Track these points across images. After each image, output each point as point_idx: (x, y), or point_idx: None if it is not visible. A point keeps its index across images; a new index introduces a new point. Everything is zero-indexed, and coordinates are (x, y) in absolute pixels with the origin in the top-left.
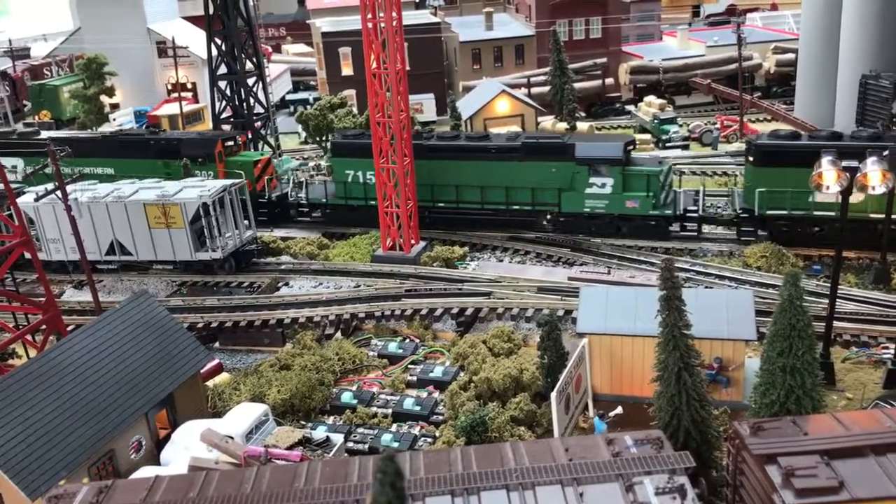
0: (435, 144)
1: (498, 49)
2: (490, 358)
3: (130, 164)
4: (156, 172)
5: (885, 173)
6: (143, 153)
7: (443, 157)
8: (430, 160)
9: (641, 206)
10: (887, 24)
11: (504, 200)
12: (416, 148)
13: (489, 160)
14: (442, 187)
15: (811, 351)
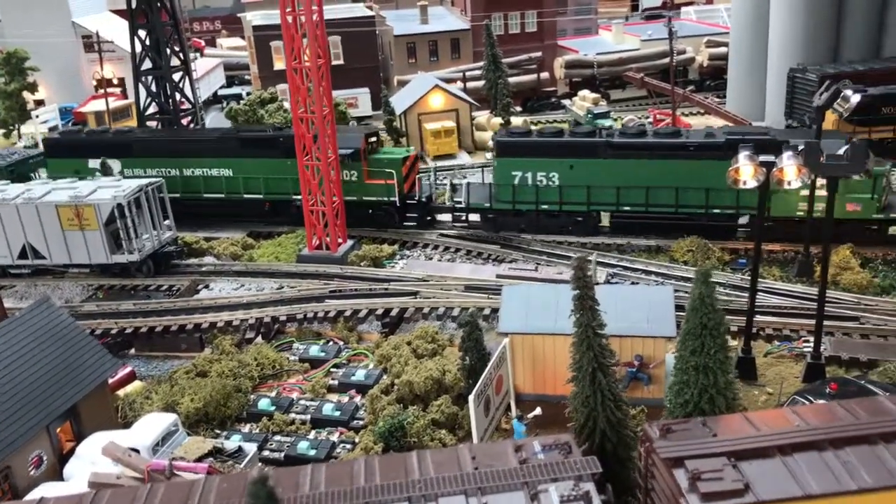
0: (621, 142)
1: (433, 43)
2: (413, 360)
3: (253, 165)
4: (284, 173)
5: (801, 168)
6: (269, 152)
7: (629, 155)
8: (614, 159)
9: (864, 210)
10: (814, 18)
11: (704, 204)
12: (600, 146)
13: (685, 159)
14: (628, 190)
15: (723, 349)
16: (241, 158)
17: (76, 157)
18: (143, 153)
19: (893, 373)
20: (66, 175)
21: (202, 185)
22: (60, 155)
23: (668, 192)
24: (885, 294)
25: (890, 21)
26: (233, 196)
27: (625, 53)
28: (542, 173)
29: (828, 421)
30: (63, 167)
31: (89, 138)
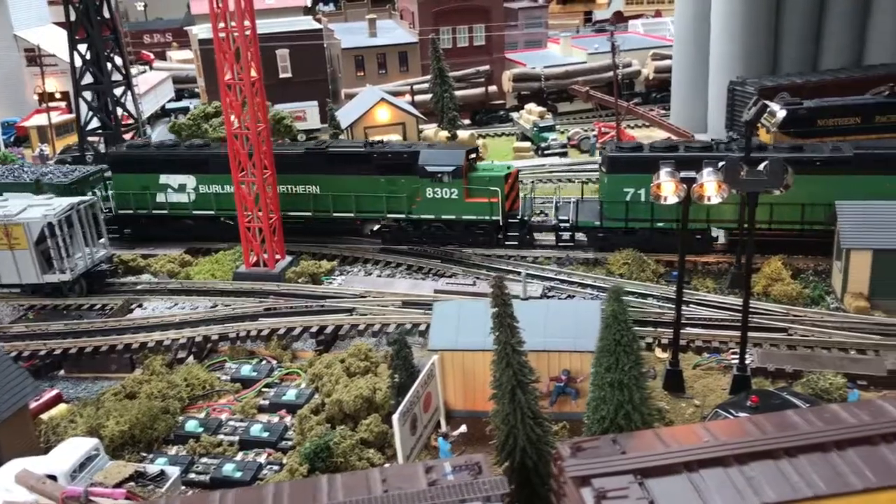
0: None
1: (382, 56)
2: (344, 378)
3: (343, 182)
4: (377, 191)
5: (721, 184)
6: (360, 169)
7: None
8: None
9: None
10: (752, 32)
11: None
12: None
13: (810, 174)
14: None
15: (637, 365)
16: (329, 175)
17: (145, 173)
18: (220, 169)
19: (816, 383)
20: (132, 191)
21: (286, 203)
22: (127, 170)
23: (792, 209)
24: (815, 305)
25: (826, 34)
26: (320, 214)
27: (572, 66)
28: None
29: (735, 436)
30: (130, 183)
31: (159, 152)
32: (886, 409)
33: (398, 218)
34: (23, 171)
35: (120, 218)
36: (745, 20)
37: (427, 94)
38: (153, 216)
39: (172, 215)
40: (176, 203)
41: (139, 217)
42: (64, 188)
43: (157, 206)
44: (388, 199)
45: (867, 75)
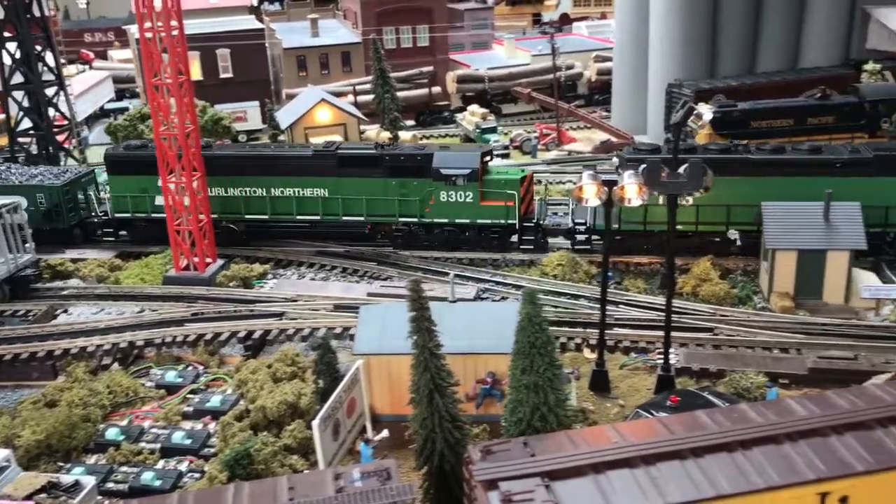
0: (760, 158)
1: (324, 56)
2: (269, 384)
3: (352, 184)
4: (387, 194)
5: (641, 187)
6: (371, 171)
7: (768, 172)
8: (754, 177)
9: None
10: (690, 36)
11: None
12: (738, 163)
13: (830, 176)
14: None
15: (552, 367)
16: (339, 178)
17: (143, 175)
18: (223, 171)
19: (738, 382)
20: (130, 194)
21: (294, 206)
22: (125, 172)
23: None
24: (742, 304)
25: (762, 38)
26: (329, 218)
27: (515, 68)
28: None
29: (644, 437)
30: (128, 185)
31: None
32: (793, 408)
33: (409, 222)
34: (9, 173)
35: (116, 221)
36: (683, 24)
37: (370, 95)
38: (152, 219)
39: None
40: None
41: (136, 220)
42: (56, 190)
43: (156, 209)
44: (400, 202)
45: (801, 78)
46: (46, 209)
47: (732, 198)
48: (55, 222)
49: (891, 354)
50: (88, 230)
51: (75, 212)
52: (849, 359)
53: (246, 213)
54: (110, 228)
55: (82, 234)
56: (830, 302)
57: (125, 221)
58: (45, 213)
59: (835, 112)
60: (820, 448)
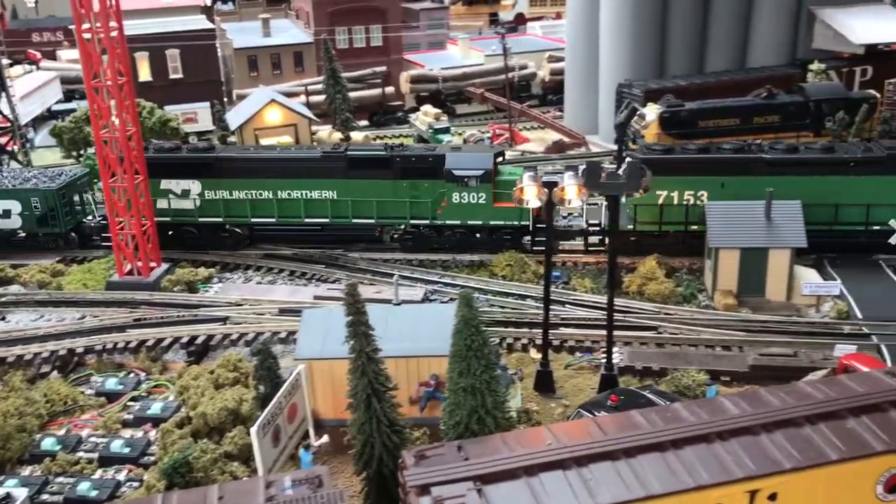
0: (774, 158)
1: (276, 56)
2: (210, 390)
3: (362, 186)
4: (398, 196)
5: (581, 188)
6: (381, 173)
7: (781, 172)
8: (769, 176)
9: None
10: (639, 36)
11: (864, 220)
12: (753, 162)
13: (843, 174)
14: None
15: (489, 370)
16: (348, 180)
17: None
18: (228, 174)
19: (680, 380)
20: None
21: (302, 208)
22: None
23: (826, 209)
24: (687, 303)
25: (710, 37)
26: (339, 221)
27: (469, 68)
28: (690, 192)
29: (578, 438)
30: None
31: (157, 155)
32: (726, 407)
33: (420, 224)
34: (3, 178)
35: None
36: (633, 25)
37: (322, 95)
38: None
39: (176, 223)
40: (179, 210)
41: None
42: (52, 193)
43: (158, 212)
44: (412, 204)
45: (748, 78)
46: (41, 213)
47: (746, 197)
48: (50, 227)
49: (830, 350)
50: (84, 235)
51: (71, 216)
52: (788, 356)
53: (252, 216)
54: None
55: (78, 238)
56: (773, 299)
57: None
58: (39, 217)
59: (780, 111)
60: (750, 446)
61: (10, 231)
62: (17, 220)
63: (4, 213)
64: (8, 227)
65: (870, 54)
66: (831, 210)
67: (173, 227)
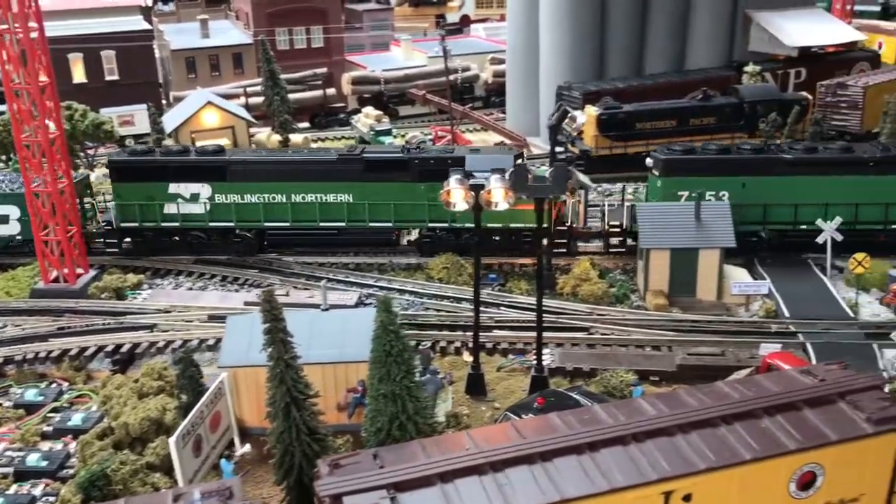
0: (795, 158)
1: (215, 57)
2: (133, 400)
3: (379, 189)
4: (416, 199)
5: (508, 191)
6: (398, 175)
7: (802, 172)
8: (790, 176)
9: None
10: (579, 39)
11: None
12: (775, 162)
13: (863, 174)
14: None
15: (409, 375)
16: (365, 182)
17: (150, 181)
18: (241, 177)
19: (608, 381)
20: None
21: (317, 212)
22: (129, 179)
23: (846, 209)
24: (619, 303)
25: (649, 40)
26: (355, 224)
27: (411, 70)
28: (711, 192)
29: (496, 442)
30: (134, 193)
31: (167, 159)
32: (644, 408)
33: (439, 227)
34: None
35: (119, 231)
36: (571, 28)
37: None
38: (161, 229)
39: (184, 227)
40: (189, 215)
41: (144, 230)
42: None
43: (166, 217)
44: (430, 207)
45: (685, 79)
46: None
47: (767, 197)
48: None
49: (756, 349)
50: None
51: None
52: (716, 355)
53: (265, 221)
54: (113, 239)
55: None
56: (703, 299)
57: (130, 231)
58: None
59: (716, 113)
60: (665, 447)
61: (7, 238)
62: (15, 225)
63: (2, 219)
64: (6, 234)
65: (803, 56)
66: (852, 209)
67: (178, 233)
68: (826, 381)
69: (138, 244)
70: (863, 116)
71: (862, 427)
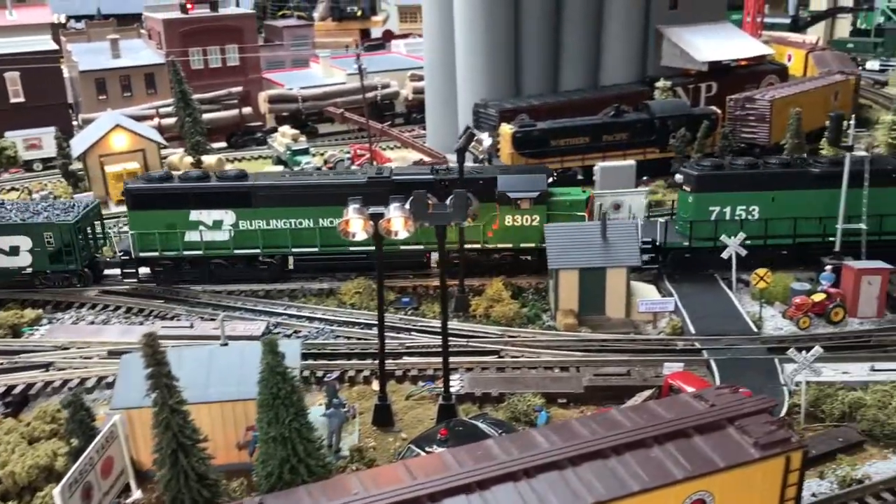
0: (822, 171)
1: (126, 78)
2: (23, 446)
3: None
4: None
5: (408, 220)
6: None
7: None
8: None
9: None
10: (494, 55)
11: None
12: (804, 176)
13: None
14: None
15: (299, 417)
16: None
17: (170, 209)
18: (266, 203)
19: (516, 406)
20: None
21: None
22: (147, 207)
23: (872, 220)
24: (531, 323)
25: (563, 56)
26: (386, 248)
27: (330, 87)
28: (742, 207)
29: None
30: (153, 221)
31: (188, 186)
32: (537, 441)
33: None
34: (4, 210)
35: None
36: (486, 45)
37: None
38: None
39: (207, 256)
40: (212, 242)
41: (165, 259)
42: (68, 227)
43: (188, 245)
44: (462, 228)
45: (600, 96)
46: (55, 249)
47: (796, 210)
48: (65, 263)
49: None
50: (98, 271)
51: (87, 251)
52: (622, 375)
53: (293, 246)
54: (131, 269)
55: (92, 275)
56: (613, 317)
57: (148, 260)
58: (52, 253)
59: (628, 129)
60: (556, 481)
61: (16, 269)
62: (26, 257)
63: (12, 250)
64: (15, 266)
65: (714, 71)
66: (877, 220)
67: (200, 261)
68: (716, 407)
69: (158, 273)
70: (771, 129)
71: (749, 452)
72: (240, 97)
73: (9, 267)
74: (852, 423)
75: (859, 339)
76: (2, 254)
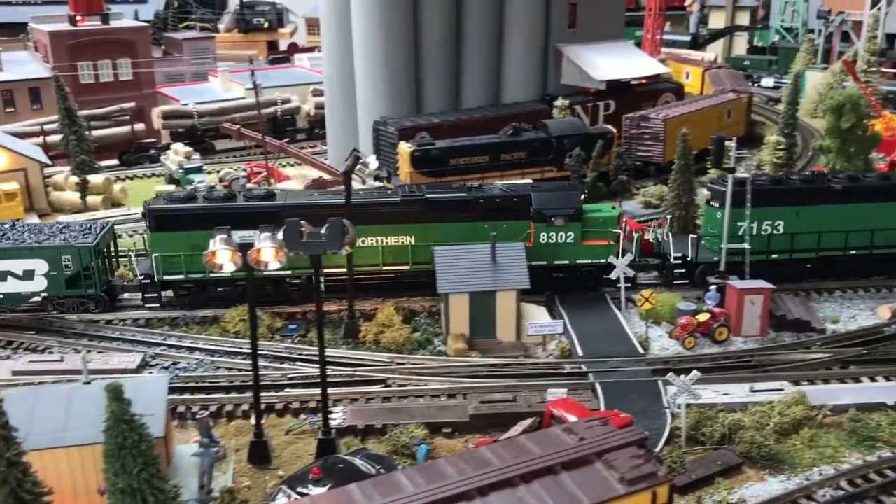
0: (844, 187)
1: (9, 92)
2: None
3: (441, 230)
4: (479, 238)
5: (279, 251)
6: (462, 215)
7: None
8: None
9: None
10: (393, 71)
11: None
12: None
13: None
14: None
15: (148, 467)
16: (427, 224)
17: (195, 230)
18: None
19: (398, 438)
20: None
21: (381, 255)
22: (170, 228)
23: (891, 233)
24: (422, 349)
25: (464, 74)
26: (420, 267)
27: (227, 102)
28: (768, 222)
29: None
30: (178, 243)
31: (214, 206)
32: (402, 484)
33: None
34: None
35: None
36: (385, 62)
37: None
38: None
39: (234, 278)
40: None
41: (189, 282)
42: (88, 250)
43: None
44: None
45: (500, 114)
46: (73, 273)
47: (821, 225)
48: (83, 288)
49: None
50: (114, 295)
51: (106, 275)
52: (508, 401)
53: (325, 266)
54: (153, 293)
55: (108, 300)
56: (504, 340)
57: (171, 284)
58: (70, 278)
59: (526, 148)
60: None
61: (27, 294)
62: (41, 281)
63: (25, 275)
64: (28, 291)
65: (612, 89)
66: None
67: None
68: (585, 441)
69: (182, 297)
70: (665, 148)
71: (615, 488)
72: (132, 113)
73: (20, 292)
74: (731, 446)
75: (741, 359)
76: (14, 278)
